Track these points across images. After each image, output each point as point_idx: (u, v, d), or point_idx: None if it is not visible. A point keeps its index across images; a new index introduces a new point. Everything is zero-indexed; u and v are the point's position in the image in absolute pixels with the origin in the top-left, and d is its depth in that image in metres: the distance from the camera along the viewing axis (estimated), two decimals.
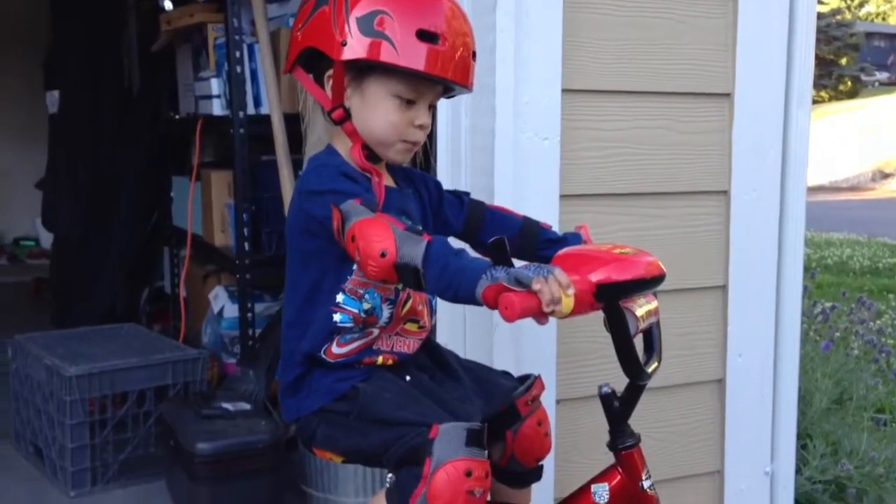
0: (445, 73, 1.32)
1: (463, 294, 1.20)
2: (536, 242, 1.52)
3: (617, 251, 1.27)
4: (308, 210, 1.34)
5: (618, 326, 1.29)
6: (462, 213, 1.54)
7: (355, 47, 1.31)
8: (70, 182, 4.01)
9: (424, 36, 1.30)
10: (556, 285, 1.16)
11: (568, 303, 1.17)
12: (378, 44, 1.30)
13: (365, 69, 1.35)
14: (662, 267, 1.29)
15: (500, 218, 1.55)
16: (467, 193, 1.59)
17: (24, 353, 2.81)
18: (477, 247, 1.55)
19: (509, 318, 1.16)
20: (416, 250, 1.21)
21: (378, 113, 1.36)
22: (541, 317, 1.19)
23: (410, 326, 1.45)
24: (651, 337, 1.41)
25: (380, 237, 1.22)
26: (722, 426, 2.19)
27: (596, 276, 1.21)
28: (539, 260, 1.41)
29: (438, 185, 1.57)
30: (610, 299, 1.25)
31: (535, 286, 1.15)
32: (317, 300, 1.39)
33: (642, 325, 1.34)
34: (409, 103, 1.36)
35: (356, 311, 1.38)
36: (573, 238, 1.51)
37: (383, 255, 1.21)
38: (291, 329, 1.42)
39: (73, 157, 4.02)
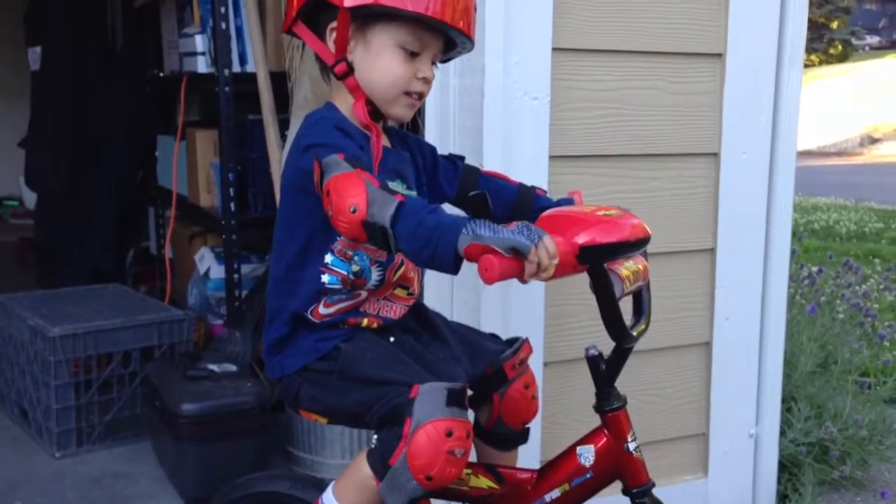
0: (450, 17, 1.30)
1: (442, 251, 1.15)
2: (531, 210, 1.50)
3: (601, 213, 1.25)
4: (301, 165, 1.32)
5: (602, 289, 1.28)
6: (456, 179, 1.53)
7: None
8: (54, 140, 3.96)
9: None
10: (545, 253, 1.14)
11: (550, 271, 1.15)
12: None
13: (369, 18, 1.33)
14: (648, 229, 1.27)
15: (495, 184, 1.53)
16: (462, 158, 1.57)
17: (7, 313, 2.79)
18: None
19: (488, 281, 1.14)
20: (385, 209, 1.17)
21: (382, 64, 1.34)
22: (521, 278, 1.17)
23: (399, 292, 1.44)
24: (640, 299, 1.40)
25: (353, 192, 1.19)
26: (708, 389, 2.20)
27: (580, 239, 1.18)
28: None
29: (433, 150, 1.55)
30: (594, 262, 1.23)
31: (530, 254, 1.12)
32: (306, 260, 1.38)
33: (629, 288, 1.33)
34: (413, 55, 1.35)
35: (344, 272, 1.37)
36: (567, 203, 1.50)
37: (353, 210, 1.19)
38: (279, 286, 1.41)
39: (56, 115, 3.96)
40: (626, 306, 1.34)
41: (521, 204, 1.51)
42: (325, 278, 1.37)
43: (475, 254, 1.14)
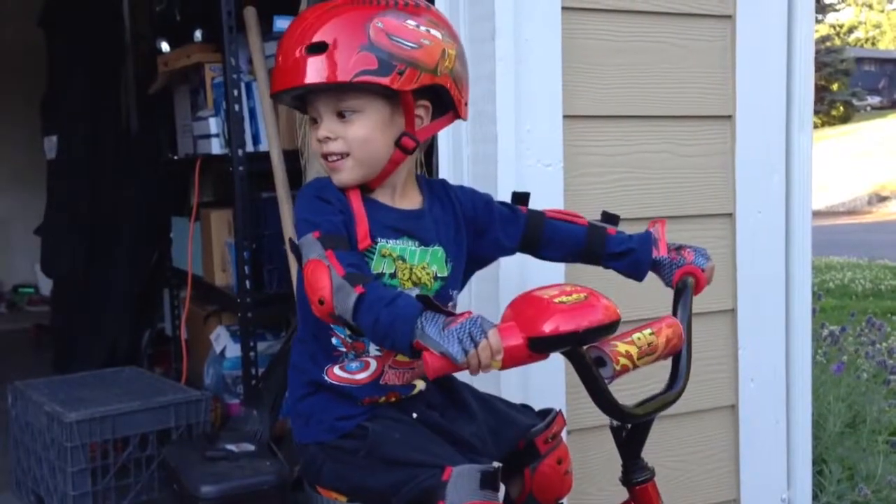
0: (283, 85, 1.33)
1: (400, 345, 1.17)
2: (602, 254, 1.50)
3: (564, 298, 1.17)
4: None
5: (582, 373, 1.23)
6: (518, 229, 1.48)
7: None
8: (69, 226, 4.00)
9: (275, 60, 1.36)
10: (487, 354, 1.12)
11: (496, 364, 1.13)
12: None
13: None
14: (615, 312, 1.19)
15: (563, 230, 1.50)
16: (525, 201, 1.52)
17: (23, 399, 2.77)
18: (542, 258, 1.54)
19: (429, 377, 1.17)
20: (346, 303, 1.19)
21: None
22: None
23: (401, 357, 1.39)
24: (678, 363, 1.36)
25: (319, 284, 1.22)
26: (736, 453, 2.15)
27: (533, 330, 1.14)
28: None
29: (488, 199, 1.49)
30: (546, 351, 1.16)
31: (461, 361, 1.11)
32: (322, 322, 1.36)
33: (638, 363, 1.26)
34: (315, 121, 1.37)
35: (342, 335, 1.37)
36: (641, 243, 1.48)
37: (321, 303, 1.21)
38: (300, 345, 1.43)
39: (72, 202, 4.01)
40: (633, 375, 1.29)
41: (591, 250, 1.50)
42: (333, 340, 1.37)
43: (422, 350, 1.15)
